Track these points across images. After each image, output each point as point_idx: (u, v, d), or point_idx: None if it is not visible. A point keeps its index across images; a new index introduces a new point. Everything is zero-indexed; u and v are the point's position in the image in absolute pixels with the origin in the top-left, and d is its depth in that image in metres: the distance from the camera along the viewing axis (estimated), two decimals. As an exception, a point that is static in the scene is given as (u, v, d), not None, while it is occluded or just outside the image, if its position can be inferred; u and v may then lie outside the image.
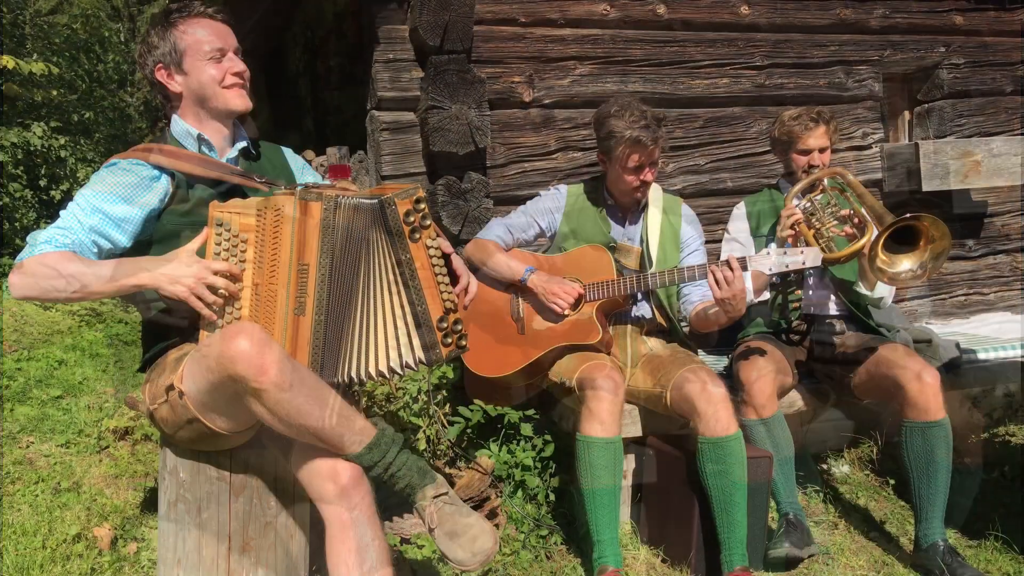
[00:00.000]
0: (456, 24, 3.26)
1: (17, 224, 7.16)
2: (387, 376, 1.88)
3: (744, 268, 2.58)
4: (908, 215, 2.47)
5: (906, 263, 2.54)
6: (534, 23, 3.58)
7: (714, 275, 2.51)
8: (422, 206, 1.86)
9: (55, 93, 9.13)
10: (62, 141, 7.47)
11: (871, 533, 2.91)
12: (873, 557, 2.74)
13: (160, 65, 2.02)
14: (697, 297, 2.85)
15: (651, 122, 2.68)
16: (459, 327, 1.90)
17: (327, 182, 2.17)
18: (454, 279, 2.01)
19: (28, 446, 3.25)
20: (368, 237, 1.84)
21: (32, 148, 7.19)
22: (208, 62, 2.01)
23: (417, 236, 1.85)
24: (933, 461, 2.60)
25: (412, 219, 1.84)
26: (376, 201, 1.82)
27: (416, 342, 1.86)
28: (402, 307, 1.86)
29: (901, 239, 2.53)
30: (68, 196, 7.65)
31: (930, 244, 2.50)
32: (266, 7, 4.83)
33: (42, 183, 7.60)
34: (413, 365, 1.86)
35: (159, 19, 2.05)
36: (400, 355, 1.86)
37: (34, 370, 4.18)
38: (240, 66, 2.05)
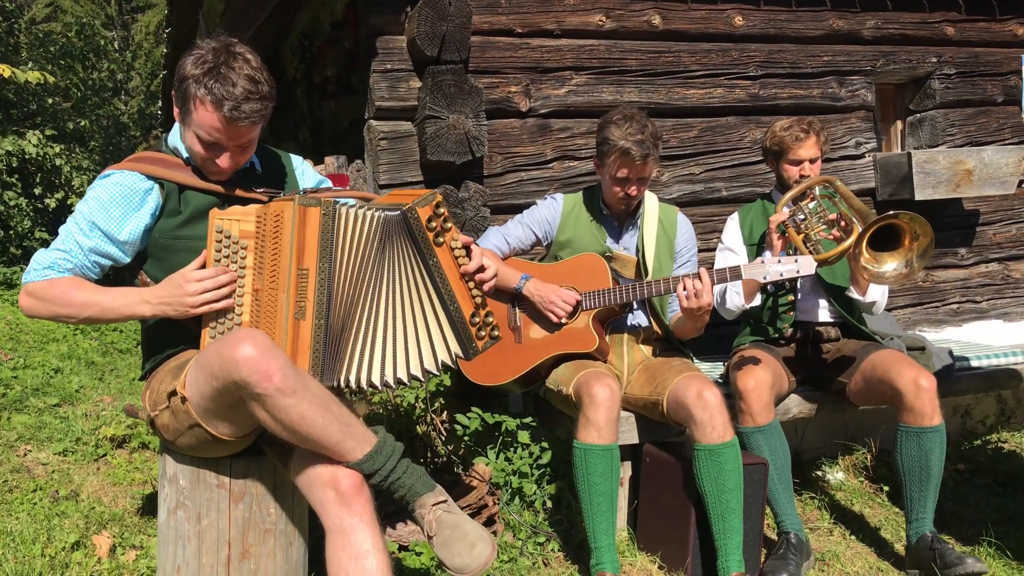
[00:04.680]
0: (453, 35, 3.29)
1: (12, 232, 7.15)
2: (421, 379, 1.95)
3: (738, 277, 2.61)
4: (889, 213, 2.49)
5: (891, 263, 2.55)
6: (530, 34, 3.61)
7: (683, 285, 2.56)
8: (442, 210, 1.93)
9: (50, 101, 9.13)
10: (57, 149, 7.46)
11: (865, 539, 2.93)
12: (868, 563, 2.76)
13: (175, 92, 1.93)
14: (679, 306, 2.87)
15: (647, 138, 2.67)
16: (490, 319, 1.99)
17: (338, 188, 2.19)
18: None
19: (26, 454, 3.25)
20: (391, 245, 1.90)
21: (27, 156, 7.19)
22: (200, 142, 1.91)
23: (441, 240, 1.92)
24: (927, 466, 2.62)
25: (434, 224, 1.91)
26: (399, 213, 1.88)
27: (452, 341, 1.94)
28: (434, 310, 1.94)
29: (889, 242, 2.55)
30: (63, 204, 7.65)
31: (915, 242, 2.51)
32: (263, 17, 4.84)
33: (37, 191, 7.60)
34: (451, 362, 1.95)
35: (200, 65, 1.83)
36: (435, 355, 1.93)
37: (31, 378, 4.18)
38: (225, 164, 1.94)
